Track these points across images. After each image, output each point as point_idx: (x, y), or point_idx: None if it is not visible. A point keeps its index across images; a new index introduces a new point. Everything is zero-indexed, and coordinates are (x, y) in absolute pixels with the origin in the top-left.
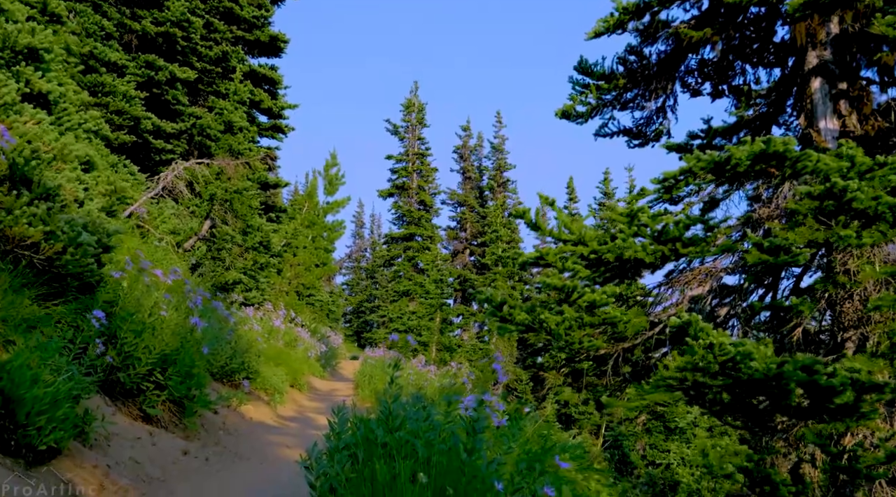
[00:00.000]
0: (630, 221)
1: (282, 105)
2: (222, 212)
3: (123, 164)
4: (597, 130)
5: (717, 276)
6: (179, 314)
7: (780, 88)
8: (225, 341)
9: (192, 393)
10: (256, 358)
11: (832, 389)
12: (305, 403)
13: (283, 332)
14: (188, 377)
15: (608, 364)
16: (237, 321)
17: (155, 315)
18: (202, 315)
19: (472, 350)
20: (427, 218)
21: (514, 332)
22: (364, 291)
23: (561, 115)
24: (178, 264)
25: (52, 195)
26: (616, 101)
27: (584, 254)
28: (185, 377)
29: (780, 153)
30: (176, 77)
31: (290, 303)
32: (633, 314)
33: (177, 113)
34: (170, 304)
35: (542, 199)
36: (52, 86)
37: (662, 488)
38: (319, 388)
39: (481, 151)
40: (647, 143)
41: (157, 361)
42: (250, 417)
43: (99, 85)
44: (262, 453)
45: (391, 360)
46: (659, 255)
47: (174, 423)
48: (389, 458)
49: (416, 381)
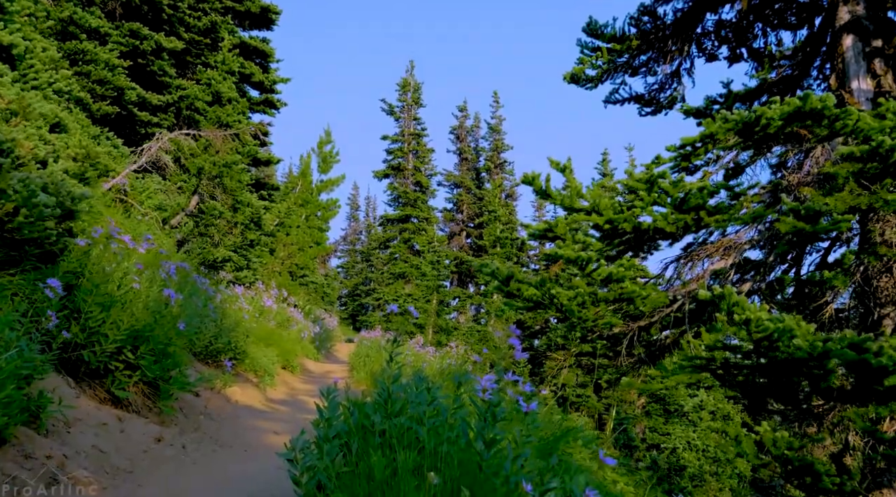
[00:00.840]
0: (649, 188)
1: (274, 79)
2: (211, 187)
3: (106, 137)
4: (607, 97)
5: (740, 248)
6: (154, 287)
7: (807, 48)
8: (209, 319)
9: (168, 374)
10: (244, 338)
11: (884, 370)
12: (297, 386)
13: (274, 313)
14: (163, 356)
15: (622, 344)
16: (225, 299)
17: (125, 287)
18: (181, 289)
19: (469, 332)
20: (423, 199)
21: (520, 308)
22: (359, 275)
23: (570, 80)
24: (164, 241)
25: (2, 149)
26: (628, 65)
27: (598, 224)
28: (160, 356)
29: (818, 111)
30: (162, 47)
31: (283, 283)
32: (652, 289)
33: (163, 85)
34: (143, 275)
35: (552, 164)
36: (15, 38)
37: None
38: (313, 370)
39: (478, 132)
40: (659, 110)
41: (126, 338)
42: (236, 401)
43: (79, 52)
44: (247, 440)
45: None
46: (681, 224)
47: (147, 408)
48: (388, 449)
49: (415, 362)
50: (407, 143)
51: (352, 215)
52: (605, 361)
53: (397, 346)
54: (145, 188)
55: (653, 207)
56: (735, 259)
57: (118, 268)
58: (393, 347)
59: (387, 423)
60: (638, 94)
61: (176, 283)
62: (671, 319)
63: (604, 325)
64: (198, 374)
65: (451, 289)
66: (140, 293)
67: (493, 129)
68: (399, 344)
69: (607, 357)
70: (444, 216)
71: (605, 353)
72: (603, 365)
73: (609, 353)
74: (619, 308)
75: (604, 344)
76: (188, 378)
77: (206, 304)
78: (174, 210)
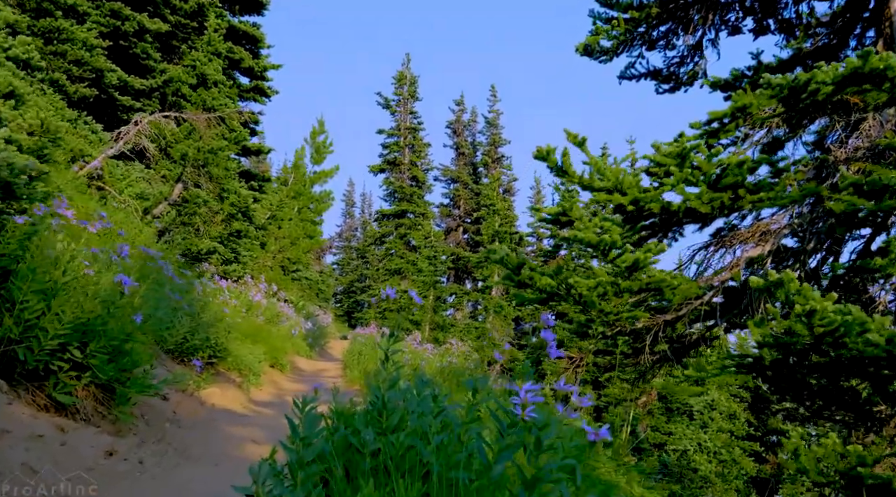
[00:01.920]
0: (681, 163)
1: (264, 65)
2: (195, 175)
3: (84, 121)
4: (622, 71)
5: (778, 233)
6: (110, 275)
7: (847, 15)
8: (183, 312)
9: (125, 375)
10: (226, 333)
11: None
12: (286, 385)
13: (264, 308)
14: (119, 354)
15: (645, 340)
16: (208, 293)
17: (73, 273)
18: (143, 278)
19: (466, 329)
20: (419, 194)
21: (532, 300)
22: (355, 271)
23: (582, 52)
24: (143, 230)
25: None
26: (646, 36)
27: (621, 204)
28: (115, 354)
29: (879, 72)
30: (145, 28)
31: (275, 278)
32: (683, 278)
33: (147, 69)
34: (97, 260)
35: (569, 137)
36: None
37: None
38: (304, 368)
39: (475, 126)
40: (678, 87)
41: (71, 334)
42: (212, 404)
43: (54, 30)
44: (220, 451)
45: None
46: (717, 204)
47: (100, 415)
48: (384, 475)
49: (413, 360)
50: (403, 138)
51: (347, 212)
52: (625, 359)
53: (394, 342)
54: (126, 176)
55: (683, 186)
56: (773, 245)
57: (67, 250)
58: (389, 343)
59: (381, 440)
60: (656, 68)
61: (136, 269)
62: (700, 312)
63: (628, 318)
64: (169, 374)
65: (447, 285)
66: (91, 280)
67: (491, 124)
68: (396, 339)
69: (624, 355)
70: (440, 211)
71: (606, 350)
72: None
73: (627, 351)
74: (643, 300)
75: (606, 342)
76: (154, 379)
77: (182, 295)
78: (157, 199)
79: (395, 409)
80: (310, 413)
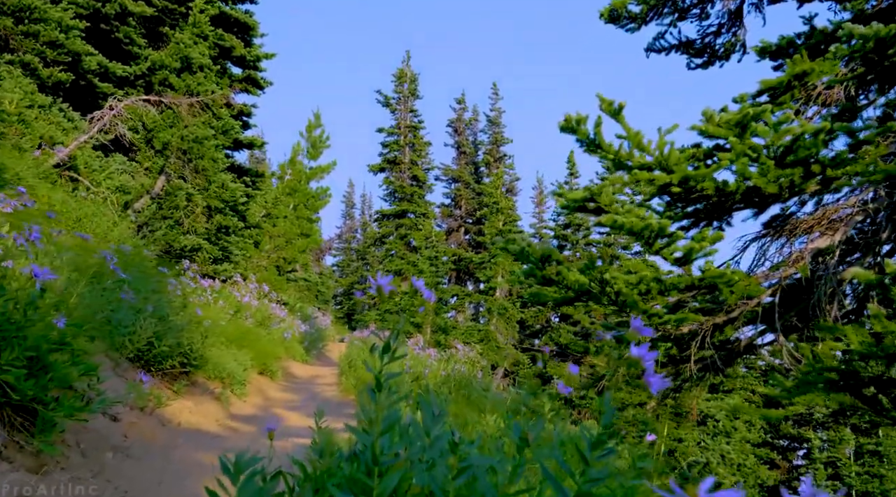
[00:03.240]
0: (741, 134)
1: (257, 54)
2: (180, 166)
3: (60, 108)
4: (650, 43)
5: (849, 220)
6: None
7: None
8: (146, 314)
9: (49, 394)
10: (202, 338)
11: None
12: (274, 395)
13: (254, 310)
14: (40, 368)
15: (690, 346)
16: (186, 293)
17: None
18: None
19: (468, 332)
20: (420, 194)
21: (557, 300)
22: (355, 273)
23: (608, 18)
24: (118, 224)
25: None
26: (677, 3)
27: (667, 183)
28: (38, 368)
29: None
30: (128, 11)
31: (269, 278)
32: (740, 274)
33: (131, 55)
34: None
35: (602, 104)
36: None
37: None
38: (298, 374)
39: (477, 125)
40: (713, 61)
41: None
42: (178, 423)
43: (25, 9)
44: (178, 489)
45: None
46: (785, 182)
47: (16, 446)
48: None
49: (415, 368)
50: (403, 136)
51: (347, 213)
52: (668, 369)
53: (389, 361)
54: (105, 167)
55: (746, 161)
56: (843, 234)
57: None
58: (382, 363)
59: None
60: (688, 39)
61: (67, 260)
62: (757, 314)
63: (676, 321)
64: (124, 388)
65: (448, 286)
66: (8, 275)
67: (493, 122)
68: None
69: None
70: (441, 212)
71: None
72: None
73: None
74: (685, 301)
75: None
76: (102, 394)
77: (149, 295)
78: (138, 192)
79: (392, 465)
80: (248, 482)
